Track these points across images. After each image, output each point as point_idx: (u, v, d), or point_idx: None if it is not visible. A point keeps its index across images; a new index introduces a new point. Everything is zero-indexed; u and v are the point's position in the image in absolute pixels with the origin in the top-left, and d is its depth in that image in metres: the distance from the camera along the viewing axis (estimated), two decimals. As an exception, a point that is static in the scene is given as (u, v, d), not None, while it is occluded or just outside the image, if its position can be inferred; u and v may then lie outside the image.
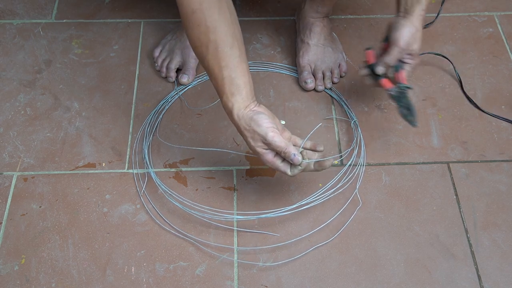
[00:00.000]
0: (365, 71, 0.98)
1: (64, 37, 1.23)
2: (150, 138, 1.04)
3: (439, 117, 1.09)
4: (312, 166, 0.85)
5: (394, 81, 0.96)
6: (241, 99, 0.82)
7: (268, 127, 0.81)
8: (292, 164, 0.83)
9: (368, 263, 0.90)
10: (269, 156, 0.83)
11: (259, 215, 0.92)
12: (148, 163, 1.00)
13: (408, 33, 0.92)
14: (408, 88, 0.95)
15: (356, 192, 0.97)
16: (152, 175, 0.99)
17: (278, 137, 0.81)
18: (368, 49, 0.99)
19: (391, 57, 0.94)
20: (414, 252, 0.91)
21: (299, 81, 1.14)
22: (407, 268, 0.89)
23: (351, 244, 0.92)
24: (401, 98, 0.95)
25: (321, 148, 0.85)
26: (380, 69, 0.95)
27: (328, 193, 0.93)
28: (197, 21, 0.80)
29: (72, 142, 1.05)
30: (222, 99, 0.84)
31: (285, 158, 0.83)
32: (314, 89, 1.12)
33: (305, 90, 1.13)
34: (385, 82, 0.97)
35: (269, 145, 0.82)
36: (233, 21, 0.82)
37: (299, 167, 0.83)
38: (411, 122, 0.96)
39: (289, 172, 0.84)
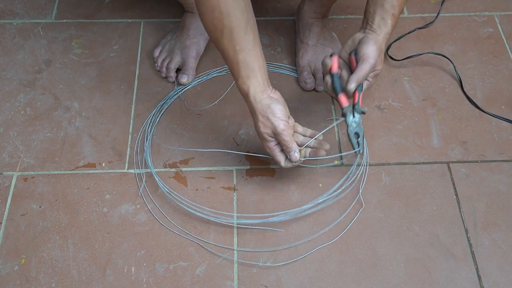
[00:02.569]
0: (329, 80, 0.92)
1: (64, 37, 1.23)
2: (150, 137, 1.04)
3: (439, 117, 1.09)
4: (302, 159, 0.90)
5: (350, 98, 0.91)
6: (257, 82, 0.85)
7: (282, 119, 0.86)
8: (286, 158, 0.89)
9: (368, 263, 0.90)
10: (271, 143, 0.88)
11: (262, 219, 0.92)
12: (150, 163, 1.00)
13: (378, 50, 0.90)
14: (363, 113, 0.91)
15: (359, 196, 0.97)
16: (154, 174, 0.99)
17: (287, 131, 0.86)
18: (332, 55, 0.92)
19: (363, 74, 0.88)
20: (414, 252, 0.91)
21: (299, 81, 1.14)
22: (407, 268, 0.89)
23: (351, 244, 0.92)
24: (353, 119, 0.91)
25: (320, 137, 0.92)
26: (353, 87, 0.88)
27: (332, 196, 0.94)
28: (211, 6, 0.81)
29: (72, 142, 1.05)
30: (237, 82, 0.86)
31: (285, 152, 0.88)
32: (314, 89, 1.13)
33: (305, 90, 1.13)
34: (342, 98, 0.91)
35: (276, 135, 0.87)
36: (246, 6, 0.84)
37: (294, 163, 0.89)
38: (355, 146, 0.92)
39: (283, 163, 0.89)
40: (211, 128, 1.07)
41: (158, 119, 1.08)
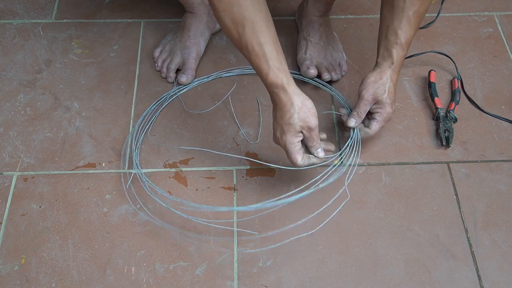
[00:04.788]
0: (344, 111, 1.02)
1: (64, 37, 1.23)
2: (141, 138, 1.04)
3: (439, 117, 1.09)
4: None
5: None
6: (289, 75, 0.84)
7: (316, 116, 0.86)
8: (303, 155, 0.88)
9: (368, 263, 0.90)
10: (297, 139, 0.87)
11: (258, 213, 0.92)
12: (137, 164, 1.00)
13: (372, 83, 0.93)
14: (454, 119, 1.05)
15: (345, 187, 0.94)
16: (143, 177, 0.99)
17: (318, 128, 0.87)
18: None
19: (359, 109, 0.95)
20: (414, 252, 0.91)
21: (301, 71, 1.12)
22: (407, 268, 0.89)
23: (351, 244, 0.92)
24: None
25: (324, 136, 0.92)
26: (351, 122, 0.96)
27: (315, 185, 0.92)
28: (229, 1, 0.80)
29: (72, 142, 1.05)
30: (268, 75, 0.83)
31: (309, 149, 0.89)
32: (320, 78, 1.12)
33: (307, 76, 1.11)
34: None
35: (309, 131, 0.86)
36: (262, 1, 0.83)
37: (311, 161, 0.88)
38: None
39: (300, 161, 0.87)
40: (211, 128, 1.07)
41: (151, 120, 1.08)
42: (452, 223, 0.94)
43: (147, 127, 1.06)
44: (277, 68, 0.82)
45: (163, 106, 1.10)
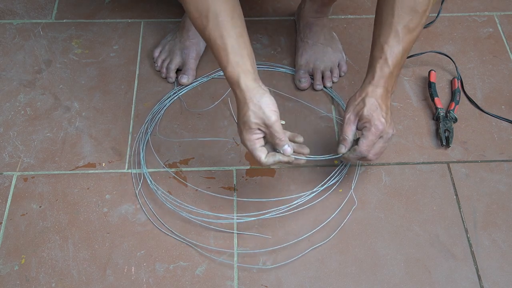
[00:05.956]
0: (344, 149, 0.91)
1: (64, 37, 1.23)
2: (147, 139, 1.04)
3: (439, 117, 1.09)
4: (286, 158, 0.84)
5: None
6: (247, 70, 0.81)
7: (274, 111, 0.81)
8: (267, 153, 0.83)
9: (368, 263, 0.90)
10: (255, 136, 0.82)
11: (258, 216, 0.92)
12: (144, 168, 1.00)
13: (352, 101, 0.87)
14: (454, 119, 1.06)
15: (351, 192, 0.97)
16: (147, 178, 0.99)
17: (278, 123, 0.81)
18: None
19: (343, 132, 0.88)
20: (414, 252, 0.91)
21: (294, 80, 1.14)
22: (407, 268, 0.89)
23: (351, 244, 0.92)
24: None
25: (301, 140, 0.86)
26: (341, 148, 0.88)
27: (317, 192, 0.94)
28: None
29: (72, 142, 1.05)
30: (226, 69, 0.81)
31: (274, 146, 0.83)
32: (313, 88, 1.12)
33: (299, 89, 1.12)
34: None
35: (268, 127, 0.81)
36: None
37: (276, 158, 0.82)
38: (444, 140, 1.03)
39: (263, 158, 0.82)
40: (211, 128, 1.07)
41: (157, 120, 1.08)
42: (452, 223, 0.94)
43: (151, 127, 1.06)
44: (236, 62, 0.80)
45: (166, 106, 1.10)
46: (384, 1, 0.85)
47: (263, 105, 0.80)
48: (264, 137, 0.83)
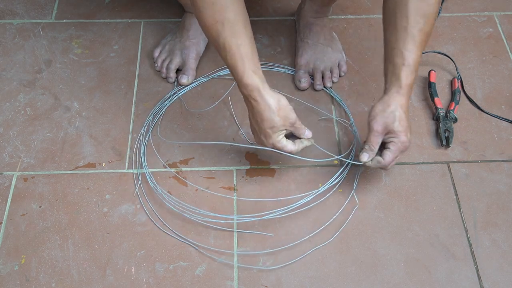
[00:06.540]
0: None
1: (64, 37, 1.23)
2: (147, 139, 1.04)
3: (439, 117, 1.09)
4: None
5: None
6: (263, 77, 0.85)
7: (292, 108, 0.88)
8: (294, 142, 0.90)
9: (368, 263, 0.90)
10: (281, 136, 0.88)
11: (258, 217, 0.92)
12: (144, 164, 1.00)
13: (380, 112, 0.87)
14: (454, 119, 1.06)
15: (353, 193, 0.97)
16: (149, 177, 0.99)
17: (297, 118, 0.89)
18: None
19: (370, 142, 0.88)
20: (414, 252, 0.91)
21: (294, 80, 1.14)
22: (407, 268, 0.89)
23: (351, 244, 0.92)
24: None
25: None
26: (364, 156, 0.89)
27: (318, 194, 0.94)
28: (211, 0, 0.80)
29: (72, 142, 1.05)
30: (243, 77, 0.83)
31: (297, 136, 0.90)
32: (313, 88, 1.12)
33: (299, 89, 1.12)
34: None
35: (292, 125, 0.88)
36: (243, 1, 0.84)
37: (303, 144, 0.91)
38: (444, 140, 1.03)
39: (294, 149, 0.89)
40: (211, 128, 1.07)
41: (157, 120, 1.08)
42: (452, 223, 0.94)
43: (151, 127, 1.06)
44: (252, 70, 0.83)
45: (166, 106, 1.10)
46: (395, 4, 0.85)
47: (283, 106, 0.85)
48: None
